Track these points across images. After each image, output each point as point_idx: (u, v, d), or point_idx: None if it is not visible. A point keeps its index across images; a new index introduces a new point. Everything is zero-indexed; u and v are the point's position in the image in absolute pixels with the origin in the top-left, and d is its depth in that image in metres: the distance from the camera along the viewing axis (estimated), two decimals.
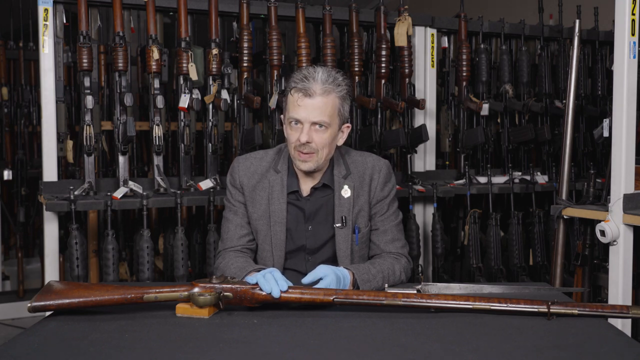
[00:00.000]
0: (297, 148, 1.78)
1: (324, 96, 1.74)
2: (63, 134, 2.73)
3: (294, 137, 1.78)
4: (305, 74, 1.76)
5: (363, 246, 1.92)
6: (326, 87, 1.75)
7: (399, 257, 1.89)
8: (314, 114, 1.75)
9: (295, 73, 1.80)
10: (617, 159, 2.48)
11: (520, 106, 3.42)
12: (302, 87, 1.74)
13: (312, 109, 1.74)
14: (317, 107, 1.74)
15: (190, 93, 2.77)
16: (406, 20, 3.03)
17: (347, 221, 1.87)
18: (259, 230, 1.90)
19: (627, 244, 2.50)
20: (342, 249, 1.88)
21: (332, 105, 1.76)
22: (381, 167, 1.93)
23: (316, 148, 1.78)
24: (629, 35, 2.42)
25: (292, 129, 1.79)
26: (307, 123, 1.75)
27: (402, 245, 1.94)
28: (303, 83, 1.74)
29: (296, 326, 1.43)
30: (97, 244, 3.19)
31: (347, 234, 1.88)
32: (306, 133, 1.75)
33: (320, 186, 1.88)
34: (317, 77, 1.74)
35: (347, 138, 1.89)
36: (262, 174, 1.90)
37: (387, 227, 1.92)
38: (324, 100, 1.75)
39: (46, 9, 2.63)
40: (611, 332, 1.40)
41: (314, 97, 1.74)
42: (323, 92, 1.74)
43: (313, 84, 1.74)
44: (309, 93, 1.73)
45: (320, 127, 1.77)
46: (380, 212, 1.92)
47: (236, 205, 1.92)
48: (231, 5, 2.89)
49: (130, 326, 1.42)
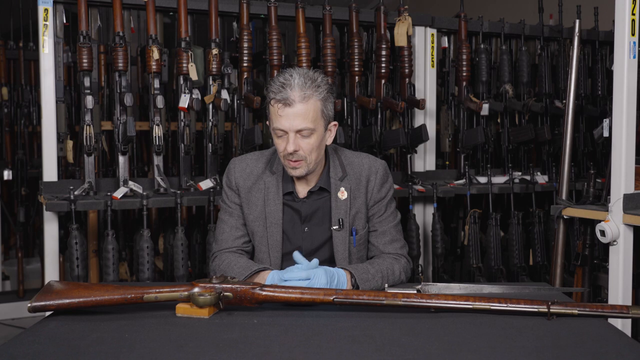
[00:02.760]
0: (286, 157, 1.77)
1: (303, 103, 1.70)
2: (63, 134, 2.73)
3: (281, 147, 1.77)
4: (282, 81, 1.71)
5: (361, 248, 1.91)
6: (305, 93, 1.70)
7: (399, 258, 1.88)
8: (296, 122, 1.71)
9: (272, 81, 1.75)
10: (617, 159, 2.49)
11: (520, 106, 3.42)
12: (280, 97, 1.70)
13: (294, 117, 1.70)
14: (299, 114, 1.70)
15: (190, 93, 2.77)
16: (406, 20, 3.04)
17: (344, 223, 1.87)
18: (255, 232, 1.89)
19: (627, 244, 2.51)
20: (339, 251, 1.88)
21: (313, 109, 1.72)
22: (377, 169, 1.91)
23: (304, 155, 1.76)
24: (629, 35, 2.42)
25: (278, 139, 1.77)
26: (291, 132, 1.72)
27: (401, 246, 1.93)
28: (281, 93, 1.69)
29: (296, 326, 1.43)
30: (97, 244, 3.19)
31: (344, 236, 1.87)
32: (292, 142, 1.72)
33: (317, 189, 1.88)
34: (293, 84, 1.69)
35: (347, 138, 1.89)
36: (258, 175, 1.89)
37: (386, 229, 1.91)
38: (304, 107, 1.70)
39: (46, 9, 2.63)
40: (611, 332, 1.40)
41: (293, 105, 1.69)
42: (302, 98, 1.70)
43: (291, 93, 1.69)
44: (288, 102, 1.69)
45: (305, 134, 1.73)
46: (378, 214, 1.91)
47: (232, 206, 1.92)
48: (231, 5, 2.89)
49: (130, 326, 1.42)
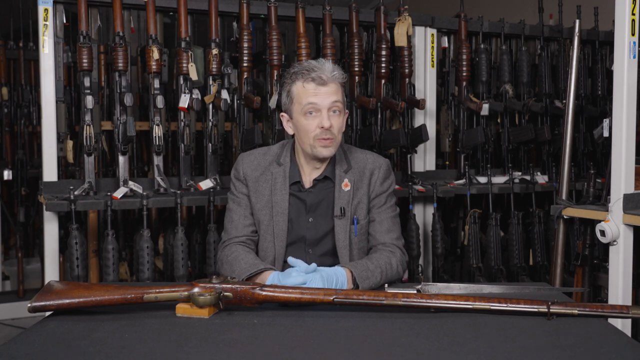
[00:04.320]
0: (319, 135, 1.84)
1: (334, 82, 1.85)
2: (63, 134, 2.73)
3: (312, 126, 1.84)
4: (313, 65, 1.86)
5: (362, 238, 1.95)
6: (334, 74, 1.85)
7: (394, 250, 1.92)
8: (330, 99, 1.84)
9: (296, 67, 1.89)
10: (617, 159, 2.48)
11: (520, 106, 3.42)
12: (314, 76, 1.83)
13: (328, 94, 1.84)
14: (332, 92, 1.84)
15: (190, 93, 2.77)
16: (406, 20, 3.03)
17: (346, 212, 1.92)
18: (261, 221, 1.94)
19: (627, 244, 2.50)
20: (340, 239, 1.92)
21: (341, 91, 1.88)
22: (381, 164, 2.00)
23: (335, 133, 1.86)
24: (629, 35, 2.42)
25: (308, 119, 1.85)
26: (324, 109, 1.83)
27: (397, 236, 1.97)
28: (315, 72, 1.83)
29: (296, 326, 1.43)
30: (97, 244, 3.19)
31: (345, 225, 1.92)
32: (327, 118, 1.83)
33: (322, 179, 1.94)
34: (324, 67, 1.85)
35: (347, 138, 1.92)
36: (266, 166, 1.96)
37: (383, 218, 1.97)
38: (335, 86, 1.85)
39: (46, 9, 2.63)
40: (611, 332, 1.40)
41: (327, 83, 1.84)
42: (334, 79, 1.85)
43: (323, 73, 1.84)
44: (322, 81, 1.83)
45: (334, 112, 1.85)
46: (377, 205, 1.97)
47: (239, 197, 1.97)
48: (231, 5, 2.89)
49: (130, 326, 1.42)
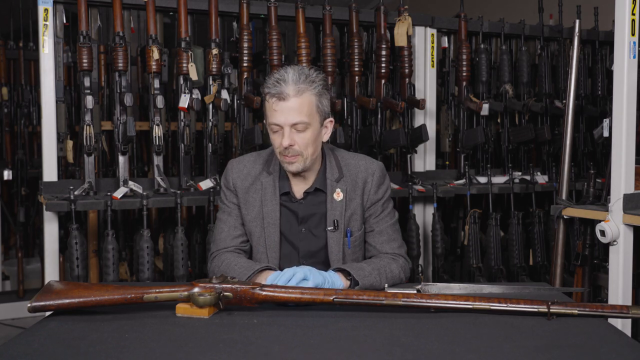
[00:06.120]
0: (282, 153, 1.79)
1: (298, 97, 1.73)
2: (63, 134, 2.73)
3: (277, 142, 1.78)
4: (277, 77, 1.75)
5: (356, 250, 1.91)
6: (299, 87, 1.73)
7: (396, 258, 1.88)
8: (291, 116, 1.74)
9: (268, 78, 1.79)
10: (617, 159, 2.48)
11: (520, 106, 3.42)
12: (275, 92, 1.73)
13: (288, 111, 1.73)
14: (293, 108, 1.73)
15: (190, 93, 2.77)
16: (406, 20, 3.03)
17: (339, 225, 1.87)
18: (252, 232, 1.90)
19: (627, 244, 2.50)
20: (334, 252, 1.87)
21: (308, 103, 1.75)
22: (374, 170, 1.92)
23: (299, 150, 1.77)
24: (629, 35, 2.42)
25: (274, 134, 1.79)
26: (286, 127, 1.75)
27: (398, 245, 1.92)
28: (275, 87, 1.73)
29: (296, 326, 1.43)
30: (97, 244, 3.19)
31: (339, 238, 1.87)
32: (287, 137, 1.75)
33: (313, 190, 1.88)
34: (287, 79, 1.73)
35: (347, 138, 1.89)
36: (256, 176, 1.90)
37: (383, 228, 1.91)
38: (298, 100, 1.74)
39: (46, 9, 2.63)
40: (611, 332, 1.40)
41: (288, 99, 1.73)
42: (296, 92, 1.73)
43: (285, 87, 1.73)
44: (282, 96, 1.73)
45: (300, 128, 1.76)
46: (375, 214, 1.92)
47: (230, 206, 1.92)
48: (231, 5, 2.89)
49: (130, 326, 1.42)
